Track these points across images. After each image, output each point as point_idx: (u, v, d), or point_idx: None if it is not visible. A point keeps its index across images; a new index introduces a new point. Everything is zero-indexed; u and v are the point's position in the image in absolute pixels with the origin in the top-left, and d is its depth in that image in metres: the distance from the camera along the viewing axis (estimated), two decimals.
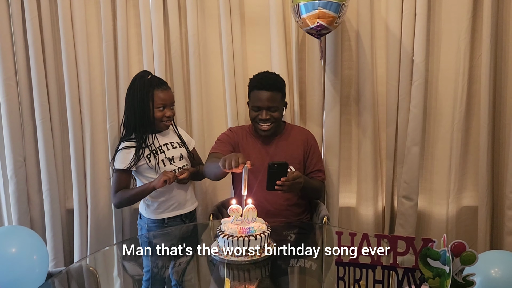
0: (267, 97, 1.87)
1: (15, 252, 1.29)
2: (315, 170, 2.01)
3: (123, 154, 1.90)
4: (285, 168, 1.67)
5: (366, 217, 2.29)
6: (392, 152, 2.23)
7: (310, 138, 2.06)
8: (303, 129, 2.12)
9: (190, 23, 2.19)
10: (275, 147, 1.99)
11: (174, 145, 2.00)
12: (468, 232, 2.27)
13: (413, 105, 2.14)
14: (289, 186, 1.68)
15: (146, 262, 1.57)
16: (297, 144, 2.01)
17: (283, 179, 1.65)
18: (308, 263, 1.57)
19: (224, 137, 2.00)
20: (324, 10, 1.81)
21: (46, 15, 2.18)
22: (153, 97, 1.88)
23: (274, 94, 1.89)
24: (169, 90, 1.94)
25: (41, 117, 2.22)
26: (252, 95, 1.93)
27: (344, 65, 2.23)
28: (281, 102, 1.94)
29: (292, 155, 1.96)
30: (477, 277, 1.10)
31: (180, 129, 2.10)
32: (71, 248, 2.39)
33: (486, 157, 2.14)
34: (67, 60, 2.20)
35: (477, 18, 2.10)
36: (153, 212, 1.96)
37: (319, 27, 1.84)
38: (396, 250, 1.15)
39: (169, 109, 1.93)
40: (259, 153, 1.98)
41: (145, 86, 1.88)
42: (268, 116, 1.89)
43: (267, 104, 1.88)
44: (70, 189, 2.35)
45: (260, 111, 1.90)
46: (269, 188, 1.67)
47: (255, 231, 1.43)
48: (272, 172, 1.64)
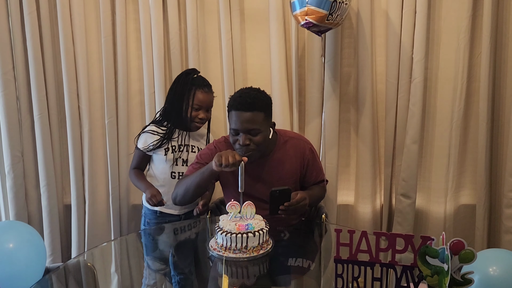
0: (245, 119, 1.59)
1: (12, 247, 1.29)
2: (318, 182, 1.87)
3: (146, 136, 1.96)
4: (288, 193, 1.60)
5: (364, 214, 2.29)
6: (390, 150, 2.23)
7: (307, 151, 1.81)
8: (298, 141, 1.82)
9: (189, 19, 2.18)
10: (267, 168, 1.75)
11: (194, 149, 2.00)
12: (466, 230, 2.27)
13: (412, 103, 2.14)
14: (294, 210, 1.61)
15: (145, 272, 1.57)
16: (291, 160, 1.77)
17: (286, 204, 1.58)
18: (306, 260, 1.58)
19: (206, 153, 1.77)
20: (313, 7, 1.79)
21: (44, 10, 2.16)
22: (193, 96, 1.90)
23: (254, 114, 1.59)
24: (210, 93, 1.96)
25: (39, 112, 2.21)
26: (230, 116, 1.65)
27: (343, 63, 2.22)
28: (264, 123, 1.63)
29: (287, 174, 1.76)
30: (475, 275, 1.10)
31: (212, 137, 2.08)
32: (69, 243, 2.38)
33: (485, 155, 2.14)
34: (65, 55, 2.19)
35: (477, 17, 2.10)
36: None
37: (307, 24, 1.81)
38: (395, 248, 1.15)
39: (204, 111, 1.94)
40: (248, 176, 1.63)
41: (188, 83, 1.91)
42: (247, 141, 1.60)
43: (245, 127, 1.59)
44: (68, 185, 2.35)
45: (238, 135, 1.62)
46: (272, 213, 1.62)
47: (253, 228, 1.44)
48: (275, 198, 1.59)
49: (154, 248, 1.80)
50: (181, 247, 1.76)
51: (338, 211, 2.31)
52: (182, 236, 1.90)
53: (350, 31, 2.19)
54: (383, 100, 2.23)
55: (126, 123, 2.27)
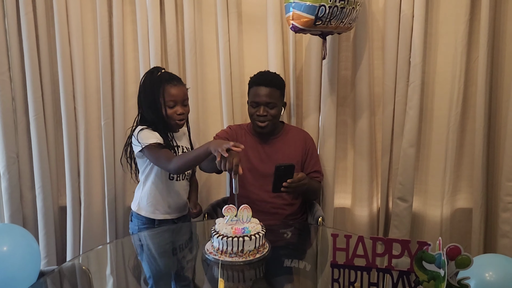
0: (265, 93, 1.90)
1: (6, 250, 1.28)
2: (313, 171, 2.02)
3: (150, 131, 1.78)
4: (292, 170, 1.70)
5: (361, 218, 2.29)
6: (387, 153, 2.23)
7: (308, 139, 2.07)
8: (302, 130, 2.13)
9: (186, 20, 2.17)
10: (274, 147, 2.00)
11: (184, 149, 1.93)
12: (462, 234, 2.28)
13: (409, 106, 2.14)
14: (295, 187, 1.72)
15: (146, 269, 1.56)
16: (295, 144, 2.01)
17: (289, 180, 1.69)
18: (303, 264, 1.57)
19: (223, 134, 2.00)
20: (298, 12, 1.76)
21: (41, 11, 2.15)
22: (163, 93, 1.79)
23: (273, 90, 1.91)
24: (180, 85, 1.84)
25: (35, 113, 2.20)
26: (251, 91, 1.96)
27: (341, 66, 2.22)
28: (280, 100, 1.95)
29: (290, 155, 1.97)
30: (472, 280, 1.10)
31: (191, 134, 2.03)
32: (64, 245, 2.37)
33: (481, 159, 2.14)
34: (61, 56, 2.17)
35: (474, 21, 2.10)
36: (145, 209, 1.90)
37: (294, 28, 1.80)
38: (392, 253, 1.15)
39: (180, 106, 1.83)
40: (257, 152, 1.98)
41: (155, 82, 1.80)
42: (265, 112, 1.90)
43: (264, 100, 1.89)
44: (63, 186, 2.33)
45: (258, 107, 1.91)
46: (275, 190, 1.71)
47: (249, 231, 1.43)
48: (279, 174, 1.68)
49: (152, 251, 1.79)
50: (178, 250, 1.75)
51: (335, 214, 2.30)
52: (179, 239, 1.89)
53: (348, 35, 2.19)
54: (381, 103, 2.23)
55: (122, 124, 2.26)
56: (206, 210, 2.02)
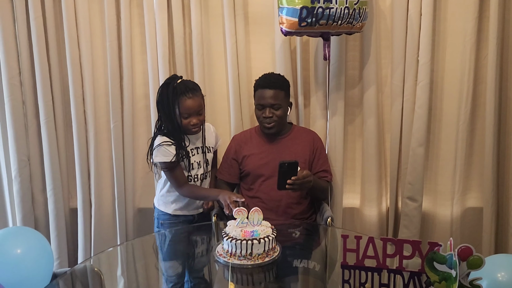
0: (269, 95, 1.92)
1: (20, 253, 1.29)
2: (321, 171, 2.03)
3: (166, 148, 1.87)
4: (295, 167, 1.72)
5: (370, 218, 2.28)
6: (396, 153, 2.22)
7: (316, 139, 2.08)
8: (310, 131, 2.15)
9: (194, 22, 2.18)
10: (282, 146, 2.02)
11: (194, 152, 1.97)
12: (473, 234, 2.26)
13: (418, 105, 2.13)
14: (300, 184, 1.73)
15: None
16: (303, 144, 2.03)
17: (293, 178, 1.71)
18: (312, 264, 1.57)
19: (228, 154, 2.08)
20: (283, 16, 1.83)
21: (50, 15, 2.17)
22: (178, 105, 1.85)
23: (277, 92, 1.93)
24: (195, 97, 1.87)
25: (45, 116, 2.22)
26: (256, 94, 1.99)
27: (348, 65, 2.21)
28: (284, 101, 1.97)
29: (298, 155, 1.98)
30: (483, 281, 1.09)
31: (209, 129, 2.06)
32: (75, 247, 2.39)
33: (492, 158, 2.12)
34: (71, 59, 2.20)
35: (483, 18, 2.08)
36: (165, 205, 2.01)
37: (283, 31, 1.87)
38: (402, 254, 1.14)
39: (195, 116, 1.88)
40: (265, 152, 2.01)
41: (171, 94, 1.85)
42: (270, 114, 1.93)
43: (269, 102, 1.92)
44: (74, 189, 2.36)
45: (263, 109, 1.94)
46: (280, 187, 1.73)
47: (259, 234, 1.42)
48: (283, 171, 1.69)
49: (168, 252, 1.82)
50: (193, 252, 1.79)
51: (343, 214, 2.30)
52: (194, 240, 1.93)
53: (355, 34, 2.18)
54: (389, 102, 2.22)
55: (131, 127, 2.28)
56: (215, 212, 2.03)
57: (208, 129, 2.06)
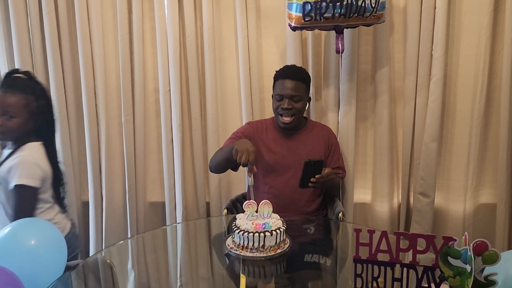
0: (291, 86, 1.86)
1: (34, 244, 1.31)
2: (335, 167, 1.99)
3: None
4: (321, 165, 1.72)
5: (381, 213, 2.26)
6: (408, 148, 2.20)
7: (331, 135, 2.05)
8: (325, 126, 2.10)
9: (205, 17, 2.18)
10: (297, 141, 1.97)
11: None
12: (486, 230, 2.23)
13: (431, 100, 2.10)
14: (322, 182, 1.74)
15: None
16: (318, 139, 1.99)
17: (317, 176, 1.70)
18: (323, 259, 1.57)
19: (240, 133, 1.98)
20: (289, 11, 1.84)
21: (62, 9, 2.19)
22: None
23: (299, 84, 1.88)
24: (2, 94, 1.56)
25: (58, 110, 2.24)
26: (276, 84, 1.93)
27: (360, 60, 2.20)
28: (305, 94, 1.92)
29: (314, 150, 1.95)
30: (499, 276, 1.07)
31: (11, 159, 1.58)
32: (87, 239, 2.42)
33: (506, 153, 2.09)
34: (83, 54, 2.21)
35: (498, 12, 2.05)
36: None
37: (291, 27, 1.87)
38: (416, 248, 1.13)
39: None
40: (280, 146, 1.96)
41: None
42: (290, 106, 1.87)
43: (290, 93, 1.86)
44: (85, 182, 2.38)
45: (282, 100, 1.88)
46: (302, 185, 1.74)
47: (270, 226, 1.43)
48: (308, 170, 1.70)
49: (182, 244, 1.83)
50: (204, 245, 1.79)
51: (354, 209, 2.29)
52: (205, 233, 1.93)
53: (367, 28, 2.16)
54: (401, 97, 2.20)
55: (142, 121, 2.29)
56: (226, 205, 2.03)
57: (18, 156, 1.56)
